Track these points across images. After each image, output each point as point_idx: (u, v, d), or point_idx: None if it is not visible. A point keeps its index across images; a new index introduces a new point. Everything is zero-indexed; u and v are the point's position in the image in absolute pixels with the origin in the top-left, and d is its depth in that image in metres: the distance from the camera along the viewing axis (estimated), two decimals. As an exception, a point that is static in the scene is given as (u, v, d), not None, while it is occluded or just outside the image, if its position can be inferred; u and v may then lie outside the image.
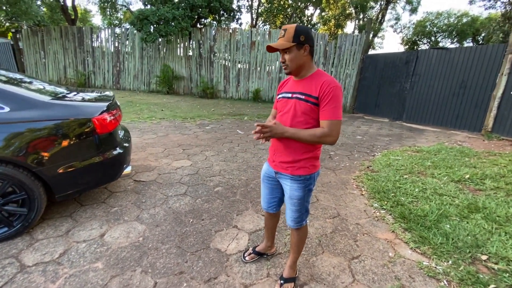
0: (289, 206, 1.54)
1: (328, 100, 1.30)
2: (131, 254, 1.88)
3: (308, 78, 1.40)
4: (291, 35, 1.30)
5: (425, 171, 3.64)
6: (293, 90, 1.43)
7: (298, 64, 1.37)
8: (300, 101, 1.37)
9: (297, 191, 1.47)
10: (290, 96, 1.43)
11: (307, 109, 1.35)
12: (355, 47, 9.15)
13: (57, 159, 1.98)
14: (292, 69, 1.38)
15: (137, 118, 6.36)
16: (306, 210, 1.56)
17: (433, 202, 2.76)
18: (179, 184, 3.03)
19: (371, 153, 4.66)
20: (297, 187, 1.47)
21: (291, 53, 1.34)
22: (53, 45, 11.41)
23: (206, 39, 10.61)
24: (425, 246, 2.11)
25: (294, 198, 1.49)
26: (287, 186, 1.50)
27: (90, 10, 24.75)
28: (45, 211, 2.28)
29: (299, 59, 1.35)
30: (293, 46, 1.31)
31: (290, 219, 1.56)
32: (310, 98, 1.35)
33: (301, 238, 1.64)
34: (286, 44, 1.31)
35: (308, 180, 1.47)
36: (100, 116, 2.19)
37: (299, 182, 1.46)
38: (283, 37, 1.33)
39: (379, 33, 22.27)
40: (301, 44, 1.32)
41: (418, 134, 6.42)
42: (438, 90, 7.35)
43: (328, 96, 1.30)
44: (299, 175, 1.45)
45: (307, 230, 1.70)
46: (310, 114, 1.36)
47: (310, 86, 1.36)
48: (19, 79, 2.39)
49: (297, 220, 1.55)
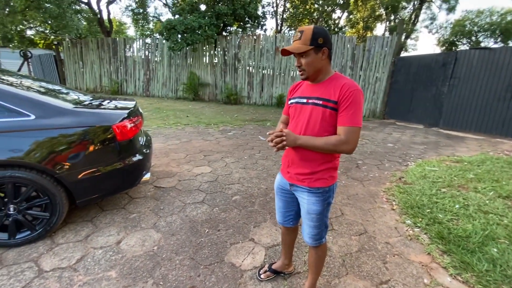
0: (306, 222, 1.41)
1: (347, 105, 1.20)
2: (144, 264, 1.84)
3: (325, 82, 1.29)
4: (309, 38, 1.20)
5: (467, 185, 3.25)
6: (309, 94, 1.32)
7: (316, 68, 1.26)
8: (317, 106, 1.26)
9: (315, 205, 1.34)
10: (305, 102, 1.32)
11: (326, 115, 1.24)
12: (385, 50, 8.70)
13: (78, 165, 2.02)
14: (310, 74, 1.28)
15: (163, 124, 6.53)
16: (325, 225, 1.43)
17: (477, 221, 2.43)
18: (197, 191, 2.99)
19: (404, 163, 4.30)
20: (315, 200, 1.34)
21: (308, 57, 1.23)
22: (90, 56, 12.27)
23: (231, 46, 10.76)
24: (467, 273, 1.83)
25: (313, 213, 1.36)
26: (304, 200, 1.37)
27: (125, 22, 26.48)
28: (68, 215, 2.34)
29: (317, 63, 1.25)
30: (310, 50, 1.21)
31: (308, 236, 1.43)
32: (328, 103, 1.23)
33: (320, 257, 1.50)
34: (302, 48, 1.20)
35: (327, 192, 1.35)
36: (121, 124, 2.21)
37: (318, 195, 1.34)
38: (299, 39, 1.22)
39: (412, 34, 21.11)
40: (319, 47, 1.22)
41: (458, 142, 5.86)
42: (480, 93, 6.70)
43: (348, 100, 1.19)
44: (317, 188, 1.32)
45: (327, 248, 1.55)
46: (329, 121, 1.25)
47: (329, 89, 1.25)
48: (45, 87, 2.50)
49: (316, 237, 1.42)
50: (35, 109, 1.91)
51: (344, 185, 3.32)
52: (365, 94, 9.21)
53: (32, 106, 1.91)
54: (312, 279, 1.55)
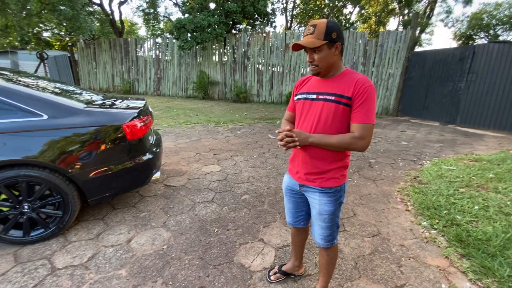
0: (318, 222, 1.37)
1: (362, 101, 1.16)
2: (154, 263, 1.84)
3: (337, 77, 1.25)
4: (322, 32, 1.15)
5: (487, 185, 3.11)
6: (318, 90, 1.27)
7: (328, 63, 1.21)
8: (329, 102, 1.21)
9: (327, 205, 1.31)
10: (315, 98, 1.27)
11: (339, 111, 1.20)
12: (399, 45, 8.44)
13: (89, 164, 2.04)
14: (322, 69, 1.23)
15: (173, 123, 6.58)
16: (337, 226, 1.40)
17: (497, 223, 2.31)
18: (207, 190, 2.98)
19: (419, 162, 4.16)
20: (327, 200, 1.30)
21: (321, 52, 1.18)
22: (103, 56, 12.51)
23: (240, 44, 10.71)
24: (488, 278, 1.74)
25: (325, 213, 1.32)
26: (315, 200, 1.34)
27: (136, 23, 26.85)
28: (81, 214, 2.39)
29: (330, 59, 1.20)
30: (324, 45, 1.16)
31: (320, 237, 1.39)
32: (342, 98, 1.19)
33: (331, 258, 1.46)
34: (316, 42, 1.16)
35: (339, 192, 1.32)
36: (131, 123, 2.22)
37: (330, 195, 1.30)
38: (312, 34, 1.16)
39: (427, 29, 20.42)
40: (333, 42, 1.17)
41: (476, 140, 5.63)
42: (500, 89, 6.40)
43: (363, 96, 1.16)
44: (329, 187, 1.29)
45: (338, 249, 1.51)
46: (341, 117, 1.21)
47: (341, 85, 1.21)
48: (57, 87, 2.54)
49: (328, 238, 1.38)
50: (48, 109, 1.93)
51: (356, 185, 3.24)
52: (378, 91, 8.99)
53: (44, 106, 1.93)
54: (324, 282, 1.51)
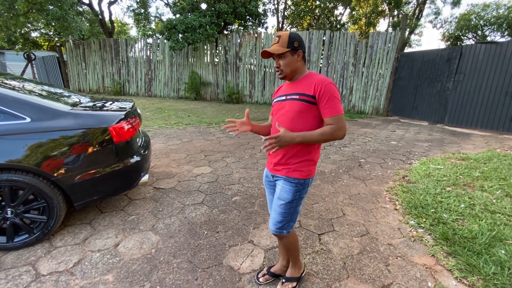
0: (274, 207, 1.49)
1: (327, 98, 1.32)
2: (141, 267, 1.81)
3: (300, 80, 1.44)
4: (285, 41, 1.35)
5: (473, 183, 3.17)
6: (287, 92, 1.46)
7: (292, 68, 1.40)
8: (294, 101, 1.39)
9: (287, 193, 1.44)
10: (284, 99, 1.46)
11: (303, 107, 1.37)
12: (388, 46, 8.57)
13: (75, 168, 2.00)
14: (287, 73, 1.41)
15: (164, 124, 6.53)
16: (291, 219, 1.49)
17: (483, 221, 2.36)
18: (197, 192, 2.96)
19: (408, 161, 4.22)
20: (288, 189, 1.43)
21: (285, 58, 1.38)
22: (92, 57, 12.33)
23: (232, 45, 10.70)
24: (474, 276, 1.77)
25: (282, 199, 1.45)
26: (279, 187, 1.48)
27: (127, 23, 26.53)
28: (67, 218, 2.34)
29: (293, 64, 1.39)
30: (287, 52, 1.36)
31: (272, 221, 1.50)
32: (304, 96, 1.36)
33: (288, 247, 1.60)
34: (281, 50, 1.35)
35: (301, 185, 1.44)
36: (117, 125, 2.19)
37: (291, 185, 1.43)
38: (277, 43, 1.36)
39: (416, 30, 20.78)
40: (295, 49, 1.37)
41: (463, 139, 5.75)
42: (487, 89, 6.56)
43: (326, 94, 1.32)
44: (293, 178, 1.43)
45: (295, 238, 1.60)
46: (306, 112, 1.37)
47: (303, 86, 1.39)
48: (42, 89, 2.49)
49: (277, 225, 1.48)
50: (31, 112, 1.89)
51: (346, 185, 3.27)
52: (368, 91, 9.10)
53: (27, 109, 1.89)
54: (291, 258, 1.66)
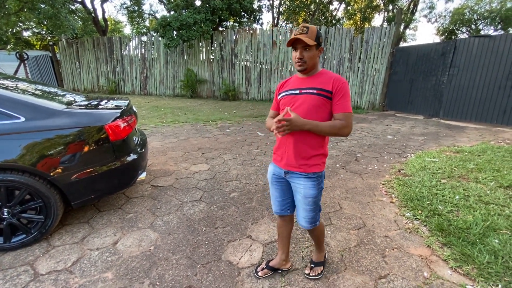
0: (302, 206, 1.52)
1: (341, 95, 1.38)
2: (141, 265, 1.82)
3: (316, 75, 1.46)
4: (314, 35, 1.36)
5: (467, 175, 3.22)
6: (301, 86, 1.45)
7: (313, 62, 1.42)
8: (311, 95, 1.41)
9: (311, 189, 1.46)
10: (298, 92, 1.45)
11: (320, 102, 1.40)
12: (384, 41, 8.59)
13: (71, 167, 2.00)
14: (309, 66, 1.42)
15: (161, 123, 6.50)
16: (319, 209, 1.57)
17: (477, 211, 2.40)
18: (195, 189, 2.97)
19: (404, 155, 4.26)
20: (311, 185, 1.46)
21: (311, 51, 1.38)
22: (86, 56, 12.19)
23: (227, 42, 10.65)
24: (468, 265, 1.80)
25: (309, 197, 1.48)
26: (300, 185, 1.48)
27: (121, 21, 26.24)
28: (65, 217, 2.34)
29: (315, 58, 1.41)
30: (314, 45, 1.38)
31: (304, 219, 1.54)
32: (322, 92, 1.39)
33: (318, 238, 1.69)
34: (311, 41, 1.34)
35: (320, 177, 1.49)
36: (113, 123, 2.18)
37: (313, 180, 1.46)
38: (306, 33, 1.35)
39: (411, 24, 20.83)
40: (319, 45, 1.41)
41: (458, 132, 5.81)
42: (481, 82, 6.62)
43: (341, 91, 1.37)
44: (313, 173, 1.46)
45: (323, 226, 1.71)
46: (322, 107, 1.41)
47: (321, 81, 1.42)
48: (36, 89, 2.46)
49: (311, 220, 1.54)
50: (25, 111, 1.87)
51: (343, 179, 3.29)
52: (364, 86, 9.13)
53: (21, 108, 1.87)
54: (318, 247, 1.77)
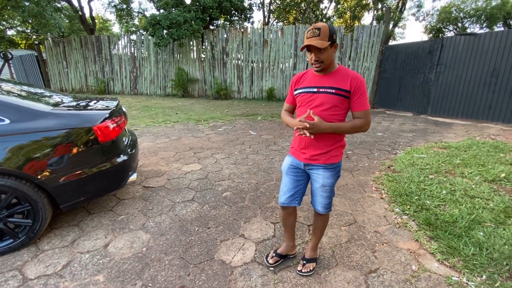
0: (320, 193, 1.61)
1: (360, 94, 1.43)
2: (133, 266, 1.81)
3: (334, 73, 1.47)
4: (327, 34, 1.35)
5: (454, 170, 3.31)
6: (319, 84, 1.48)
7: (330, 61, 1.44)
8: (330, 94, 1.44)
9: (329, 178, 1.57)
10: (316, 91, 1.48)
11: (338, 101, 1.44)
12: (373, 39, 8.70)
13: (59, 169, 1.96)
14: (326, 66, 1.44)
15: (152, 123, 6.43)
16: (334, 195, 1.68)
17: (463, 205, 2.47)
18: (187, 189, 2.96)
19: (393, 151, 4.35)
20: (329, 175, 1.56)
21: (326, 51, 1.38)
22: (74, 55, 11.92)
23: (218, 40, 10.59)
24: (454, 257, 1.86)
25: (327, 185, 1.58)
26: (319, 175, 1.57)
27: (110, 19, 25.74)
28: (54, 220, 2.30)
29: (331, 57, 1.43)
30: (328, 45, 1.37)
31: (321, 205, 1.64)
32: (341, 91, 1.43)
33: (325, 223, 1.76)
34: (325, 43, 1.35)
35: (338, 167, 1.60)
36: (102, 124, 2.15)
37: (331, 170, 1.56)
38: (318, 36, 1.35)
39: (400, 23, 21.17)
40: (333, 42, 1.40)
41: (445, 129, 5.95)
42: (466, 79, 6.79)
43: (360, 89, 1.42)
44: (331, 164, 1.55)
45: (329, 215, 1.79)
46: (339, 105, 1.46)
47: (339, 80, 1.44)
48: (21, 90, 2.41)
49: (327, 206, 1.64)
50: (9, 113, 1.83)
51: (334, 176, 3.33)
52: (355, 84, 9.23)
53: (5, 110, 1.82)
54: (316, 241, 1.80)
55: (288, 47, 9.86)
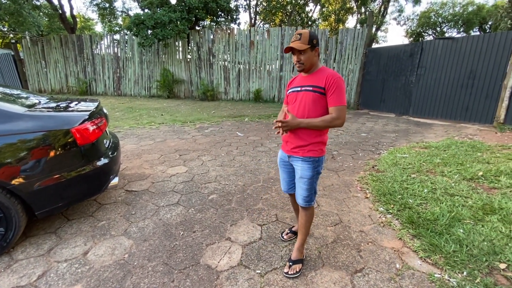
0: (299, 185, 1.72)
1: (333, 90, 1.55)
2: (114, 274, 1.74)
3: (315, 73, 1.64)
4: (307, 39, 1.55)
5: (434, 169, 3.41)
6: (302, 84, 1.66)
7: (311, 63, 1.62)
8: (308, 92, 1.61)
9: (307, 171, 1.66)
10: (299, 90, 1.66)
11: (316, 97, 1.59)
12: (357, 42, 8.90)
13: (34, 174, 1.86)
14: (306, 67, 1.62)
15: (136, 124, 6.27)
16: (314, 191, 1.75)
17: (444, 203, 2.55)
18: (172, 192, 2.89)
19: (377, 151, 4.44)
20: (307, 167, 1.66)
21: (306, 53, 1.57)
22: (53, 54, 11.47)
23: (204, 41, 10.50)
24: (436, 255, 1.91)
25: (305, 177, 1.68)
26: (299, 167, 1.70)
27: (92, 18, 24.97)
28: (29, 228, 2.18)
29: (312, 59, 1.60)
30: (308, 48, 1.56)
31: (300, 197, 1.74)
32: (317, 88, 1.59)
33: (308, 219, 1.80)
34: (303, 46, 1.54)
35: (316, 162, 1.68)
36: (81, 126, 2.06)
37: (309, 163, 1.66)
38: (299, 40, 1.55)
39: (382, 26, 21.79)
40: (314, 46, 1.58)
41: (426, 129, 6.15)
42: (445, 81, 7.06)
43: (333, 86, 1.54)
44: (309, 157, 1.66)
45: (314, 212, 1.85)
46: (318, 102, 1.59)
47: (317, 79, 1.60)
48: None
49: (306, 199, 1.72)
50: (-22, 115, 1.72)
51: (320, 177, 3.35)
52: (340, 86, 9.40)
53: (-26, 112, 1.71)
54: (301, 239, 1.83)
55: (275, 48, 9.91)
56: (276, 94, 10.27)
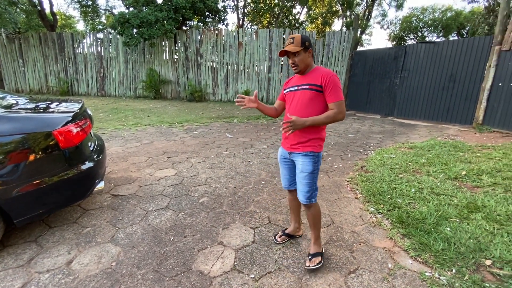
0: (300, 180, 1.77)
1: (331, 87, 1.64)
2: (101, 284, 1.65)
3: (310, 73, 1.74)
4: (299, 42, 1.65)
5: (420, 169, 3.50)
6: (299, 83, 1.75)
7: (305, 64, 1.72)
8: (305, 90, 1.70)
9: (307, 165, 1.73)
10: (296, 89, 1.76)
11: (313, 95, 1.68)
12: (343, 44, 9.06)
13: (12, 180, 1.74)
14: (301, 68, 1.72)
15: (121, 126, 6.08)
16: (315, 187, 1.80)
17: (431, 202, 2.61)
18: (161, 196, 2.81)
19: (365, 152, 4.51)
20: (307, 162, 1.73)
21: (300, 55, 1.68)
22: (32, 53, 10.97)
23: (192, 41, 10.37)
24: (426, 253, 1.95)
25: (305, 171, 1.73)
26: (299, 162, 1.76)
27: (73, 16, 24.07)
28: (7, 237, 2.04)
29: (305, 60, 1.71)
30: (301, 50, 1.66)
31: (301, 193, 1.79)
32: (313, 86, 1.67)
33: (314, 217, 1.85)
34: (296, 48, 1.65)
35: (316, 157, 1.75)
36: (63, 128, 1.96)
37: (310, 158, 1.73)
38: (292, 43, 1.65)
39: (367, 30, 22.36)
40: (307, 48, 1.68)
41: (411, 130, 6.33)
42: (428, 84, 7.30)
43: (330, 84, 1.63)
44: (309, 152, 1.73)
45: (319, 208, 1.89)
46: (315, 99, 1.68)
47: (313, 77, 1.70)
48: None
49: (307, 195, 1.77)
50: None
51: (311, 178, 3.37)
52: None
53: None
54: (314, 234, 1.89)
55: (263, 50, 9.93)
56: (265, 95, 10.28)
